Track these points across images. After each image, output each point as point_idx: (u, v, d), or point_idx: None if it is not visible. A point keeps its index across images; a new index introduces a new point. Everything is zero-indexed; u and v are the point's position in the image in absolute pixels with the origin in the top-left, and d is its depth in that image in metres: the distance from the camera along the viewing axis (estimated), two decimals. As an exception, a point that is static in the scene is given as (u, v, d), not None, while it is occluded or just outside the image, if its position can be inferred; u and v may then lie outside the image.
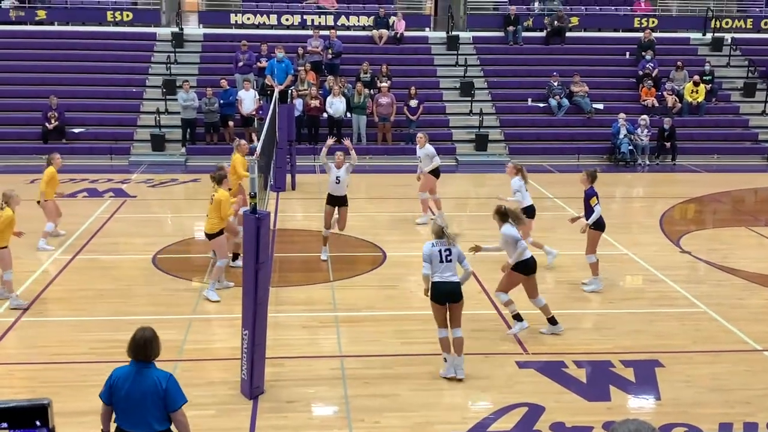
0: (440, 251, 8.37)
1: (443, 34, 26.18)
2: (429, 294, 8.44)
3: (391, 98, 21.90)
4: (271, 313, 8.84)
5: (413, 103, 22.13)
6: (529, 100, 23.83)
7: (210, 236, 10.97)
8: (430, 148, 14.87)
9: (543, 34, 26.26)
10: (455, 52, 25.24)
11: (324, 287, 11.50)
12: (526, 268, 9.47)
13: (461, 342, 8.47)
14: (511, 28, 25.91)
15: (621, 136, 21.69)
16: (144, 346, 5.39)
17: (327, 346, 9.43)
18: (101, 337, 9.45)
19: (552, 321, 9.76)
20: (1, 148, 21.04)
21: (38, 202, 13.27)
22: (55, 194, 13.59)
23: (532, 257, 9.55)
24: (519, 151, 21.96)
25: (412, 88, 22.35)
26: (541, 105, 23.69)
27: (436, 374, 8.57)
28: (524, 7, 27.38)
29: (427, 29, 27.21)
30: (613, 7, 28.12)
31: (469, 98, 23.31)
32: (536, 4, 27.81)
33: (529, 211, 11.95)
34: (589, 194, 11.26)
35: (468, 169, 21.04)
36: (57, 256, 12.67)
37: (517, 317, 9.61)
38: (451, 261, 8.38)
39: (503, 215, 9.43)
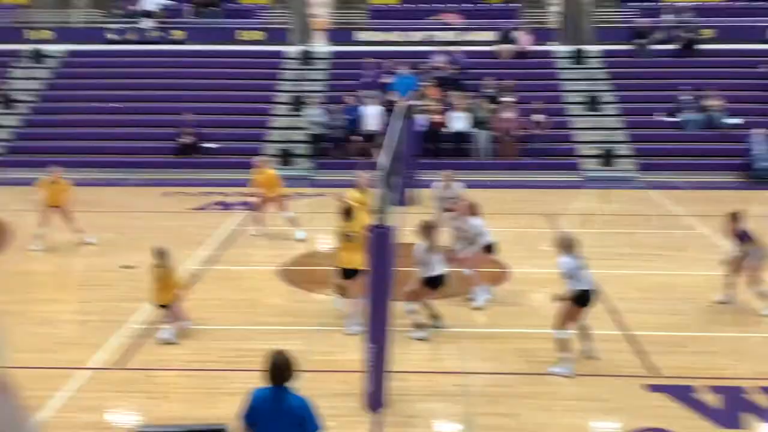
0: (581, 262, 8.82)
1: (569, 48, 25.78)
2: (572, 301, 8.80)
3: (515, 113, 21.72)
4: (395, 327, 8.89)
5: (537, 118, 21.86)
6: (660, 114, 23.10)
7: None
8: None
9: (673, 47, 25.42)
10: (581, 66, 24.79)
11: (447, 302, 11.47)
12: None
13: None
14: (640, 41, 25.23)
15: (758, 151, 20.71)
16: (281, 371, 5.53)
17: (449, 362, 9.40)
18: (231, 345, 9.76)
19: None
20: (138, 162, 22.12)
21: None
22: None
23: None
24: (649, 167, 21.35)
25: (537, 103, 22.10)
26: (671, 120, 22.92)
27: (559, 395, 8.40)
28: (653, 19, 26.61)
29: (553, 43, 26.85)
30: (749, 19, 26.93)
31: (596, 113, 22.83)
32: (667, 17, 26.96)
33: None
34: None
35: (594, 185, 20.59)
36: (190, 267, 13.19)
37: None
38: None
39: None
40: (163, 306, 10.02)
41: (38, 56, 25.62)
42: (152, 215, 16.70)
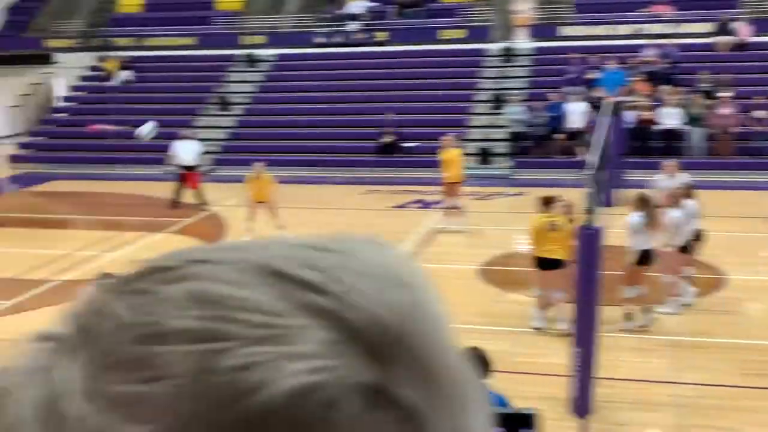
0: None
1: (795, 38, 23.78)
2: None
3: (735, 109, 20.29)
4: (602, 332, 8.51)
5: (759, 114, 20.31)
6: None
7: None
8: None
9: None
10: (809, 57, 22.80)
11: (657, 307, 10.87)
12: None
13: None
14: None
15: None
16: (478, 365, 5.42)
17: (658, 371, 8.89)
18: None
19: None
20: (341, 161, 22.79)
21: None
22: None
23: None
24: None
25: (758, 97, 20.53)
26: None
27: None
28: None
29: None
30: None
31: (826, 108, 20.88)
32: None
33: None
34: None
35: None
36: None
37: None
38: None
39: None
40: None
41: (251, 60, 27.06)
42: (354, 212, 17.10)
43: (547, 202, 10.37)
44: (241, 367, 0.41)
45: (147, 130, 21.51)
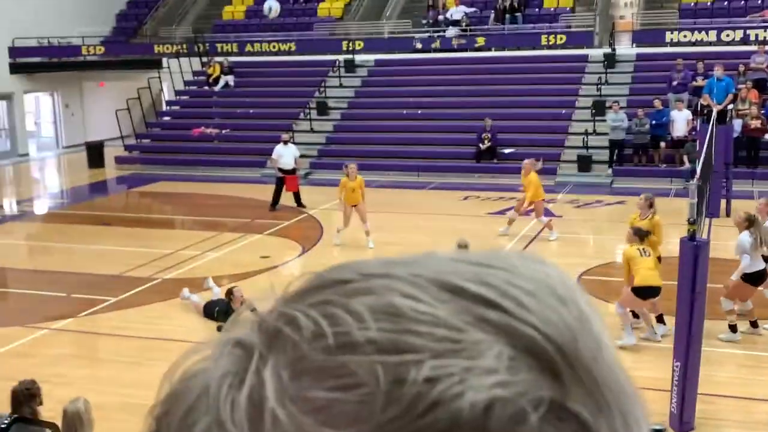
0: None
1: None
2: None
3: None
4: (704, 347, 8.22)
5: None
6: None
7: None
8: None
9: None
10: None
11: (763, 323, 10.44)
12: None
13: None
14: None
15: None
16: None
17: (762, 388, 8.52)
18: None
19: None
20: (438, 167, 22.76)
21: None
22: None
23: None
24: None
25: None
26: None
27: None
28: None
29: None
30: None
31: None
32: None
33: None
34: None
35: None
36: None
37: (733, 328, 9.76)
38: None
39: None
40: None
41: (350, 65, 27.35)
42: (452, 218, 17.00)
43: (639, 233, 10.03)
44: (429, 379, 0.43)
45: (274, 8, 22.40)
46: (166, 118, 29.14)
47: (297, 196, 18.55)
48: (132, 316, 11.64)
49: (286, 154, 18.59)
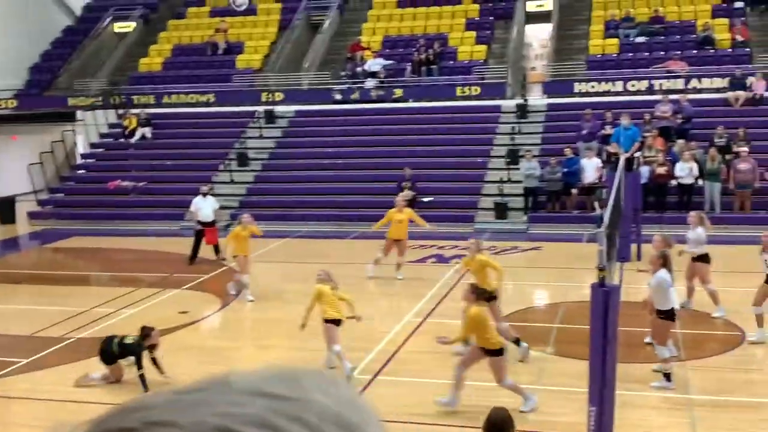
0: None
1: (810, 93, 23.84)
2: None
3: (752, 164, 20.30)
4: (619, 390, 8.43)
5: (775, 168, 20.33)
6: None
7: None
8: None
9: None
10: (827, 112, 22.83)
11: (676, 366, 10.76)
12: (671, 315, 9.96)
13: None
14: None
15: None
16: (501, 427, 5.42)
17: (678, 430, 8.77)
18: (447, 401, 9.69)
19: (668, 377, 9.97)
20: (359, 216, 22.85)
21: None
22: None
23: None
24: None
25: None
26: None
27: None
28: None
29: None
30: None
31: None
32: None
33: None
34: None
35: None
36: (410, 319, 13.34)
37: (668, 377, 9.94)
38: None
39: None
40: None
41: (271, 117, 27.43)
42: (380, 269, 17.06)
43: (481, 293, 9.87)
44: None
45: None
46: (81, 172, 28.56)
47: (216, 249, 18.36)
48: (44, 377, 11.27)
49: (204, 207, 18.42)
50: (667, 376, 10.08)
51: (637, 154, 20.61)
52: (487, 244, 19.65)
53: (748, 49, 26.15)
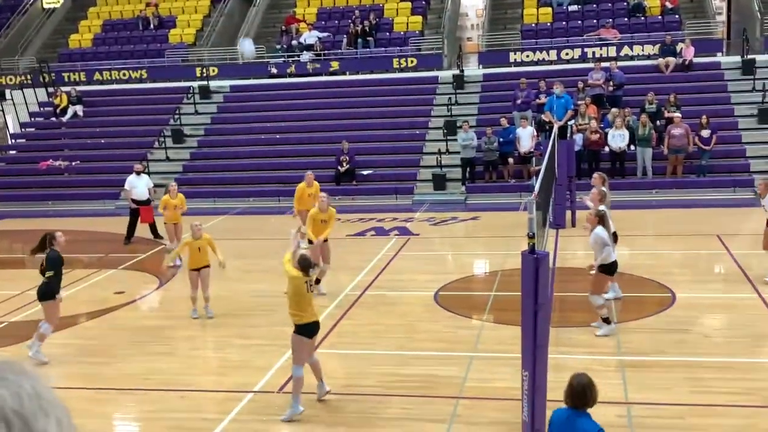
0: None
1: (737, 59, 24.42)
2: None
3: (685, 129, 20.73)
4: (552, 354, 8.60)
5: (705, 133, 20.80)
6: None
7: None
8: None
9: None
10: (752, 77, 23.42)
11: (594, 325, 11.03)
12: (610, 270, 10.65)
13: None
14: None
15: None
16: (582, 393, 5.47)
17: (612, 392, 8.96)
18: (388, 370, 9.78)
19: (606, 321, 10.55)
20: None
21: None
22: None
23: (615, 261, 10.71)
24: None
25: (704, 117, 21.02)
26: None
27: (729, 427, 7.82)
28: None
29: (719, 54, 25.57)
30: None
31: (769, 126, 21.46)
32: None
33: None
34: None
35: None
36: (348, 292, 13.37)
37: (607, 320, 10.57)
38: None
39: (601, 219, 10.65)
40: None
41: (205, 92, 27.02)
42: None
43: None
44: None
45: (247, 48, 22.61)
46: (12, 152, 27.82)
47: (153, 228, 18.10)
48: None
49: (139, 185, 18.12)
50: (606, 320, 10.58)
51: (570, 122, 20.88)
52: (426, 215, 19.84)
53: (677, 16, 26.64)
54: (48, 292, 10.44)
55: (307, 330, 8.58)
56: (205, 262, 12.21)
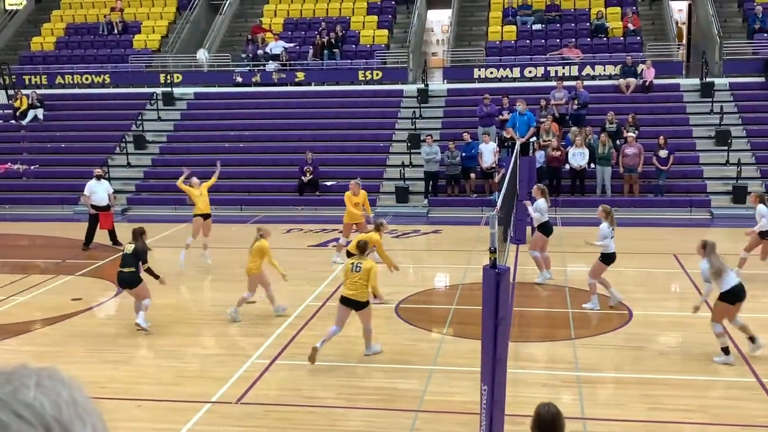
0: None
1: (696, 81, 24.93)
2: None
3: (638, 148, 21.10)
4: (511, 369, 8.68)
5: (663, 153, 21.17)
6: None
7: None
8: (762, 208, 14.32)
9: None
10: (710, 99, 23.91)
11: (566, 344, 11.16)
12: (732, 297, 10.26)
13: None
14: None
15: None
16: (552, 423, 5.41)
17: (569, 407, 9.06)
18: (350, 383, 9.79)
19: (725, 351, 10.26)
20: (261, 200, 22.73)
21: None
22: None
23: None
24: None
25: (661, 137, 21.41)
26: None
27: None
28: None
29: (679, 76, 26.07)
30: None
31: (726, 147, 21.91)
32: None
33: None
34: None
35: (724, 222, 19.67)
36: (309, 303, 13.35)
37: (726, 350, 10.26)
38: None
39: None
40: None
41: (169, 98, 26.84)
42: (275, 252, 17.00)
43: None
44: None
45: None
46: (-32, 154, 27.30)
47: (112, 234, 17.90)
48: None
49: (99, 190, 17.92)
50: (725, 350, 10.25)
51: (532, 140, 21.11)
52: (389, 227, 19.85)
53: (639, 38, 27.12)
54: (136, 279, 11.88)
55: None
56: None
